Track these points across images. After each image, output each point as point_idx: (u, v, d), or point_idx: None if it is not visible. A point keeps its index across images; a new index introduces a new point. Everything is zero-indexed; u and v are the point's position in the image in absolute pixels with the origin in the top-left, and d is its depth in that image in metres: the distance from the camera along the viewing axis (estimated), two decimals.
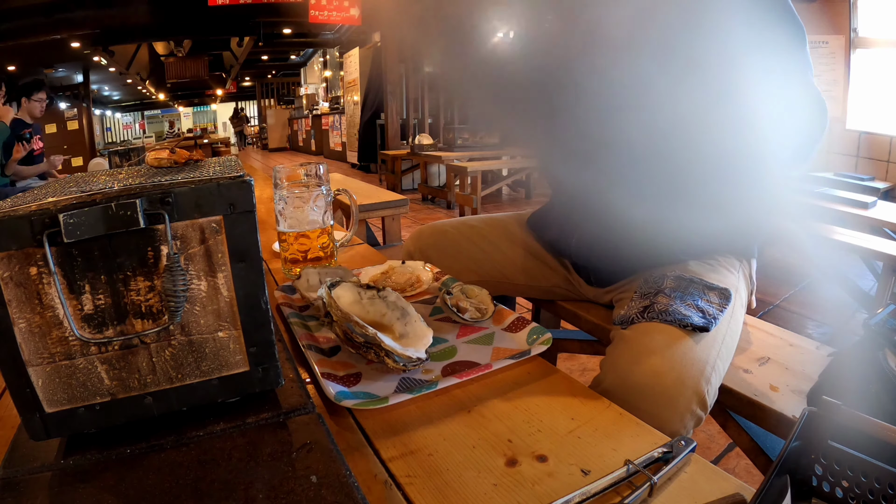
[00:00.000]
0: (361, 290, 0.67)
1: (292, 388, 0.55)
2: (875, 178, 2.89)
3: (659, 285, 0.76)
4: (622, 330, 0.72)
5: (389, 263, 0.91)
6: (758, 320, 1.00)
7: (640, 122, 0.71)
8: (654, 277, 0.78)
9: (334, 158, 9.84)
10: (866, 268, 2.47)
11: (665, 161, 0.71)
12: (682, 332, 0.67)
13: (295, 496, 0.40)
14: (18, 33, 6.98)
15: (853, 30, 3.32)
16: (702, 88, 0.66)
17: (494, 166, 4.56)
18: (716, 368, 0.67)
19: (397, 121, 6.76)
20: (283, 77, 17.38)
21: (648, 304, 0.72)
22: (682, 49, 0.68)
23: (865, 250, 1.89)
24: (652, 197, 0.71)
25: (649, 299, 0.73)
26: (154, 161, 0.57)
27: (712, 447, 1.36)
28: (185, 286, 0.45)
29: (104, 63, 9.56)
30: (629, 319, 0.71)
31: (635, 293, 0.77)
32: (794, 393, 0.75)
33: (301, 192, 0.90)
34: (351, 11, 7.20)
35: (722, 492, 0.42)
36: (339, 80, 10.93)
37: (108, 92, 17.45)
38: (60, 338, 0.44)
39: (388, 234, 2.31)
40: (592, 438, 0.49)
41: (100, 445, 0.46)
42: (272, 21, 8.60)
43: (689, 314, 0.69)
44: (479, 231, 1.08)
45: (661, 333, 0.67)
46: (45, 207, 0.41)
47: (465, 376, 0.58)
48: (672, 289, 0.74)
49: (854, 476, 0.41)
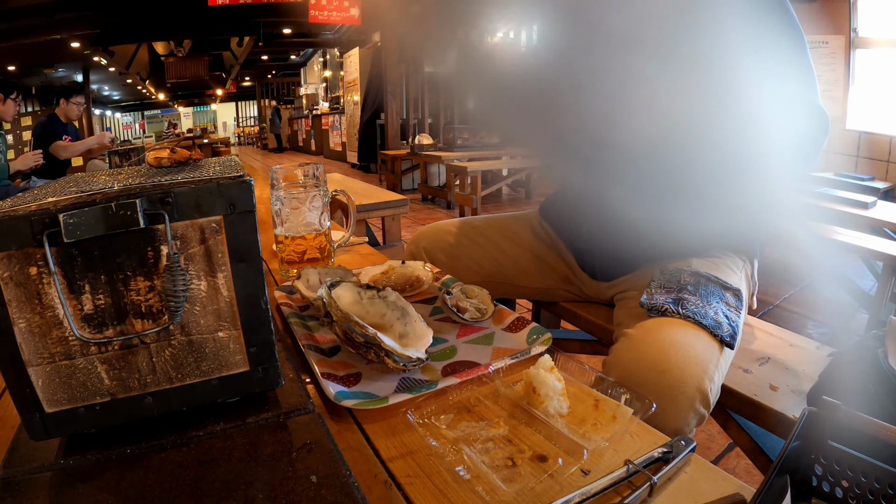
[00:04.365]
0: (361, 290, 0.67)
1: (292, 388, 0.55)
2: (875, 178, 2.89)
3: (679, 280, 0.76)
4: (626, 329, 0.72)
5: (389, 263, 0.91)
6: (758, 320, 1.00)
7: (641, 122, 0.71)
8: (671, 271, 0.79)
9: (334, 158, 9.85)
10: (866, 268, 2.47)
11: (666, 160, 0.72)
12: (686, 332, 0.67)
13: (295, 496, 0.40)
14: (18, 33, 6.98)
15: (853, 30, 3.32)
16: (703, 88, 0.66)
17: (494, 166, 4.56)
18: (719, 367, 0.67)
19: (397, 121, 6.76)
20: (283, 77, 17.38)
21: (678, 298, 0.72)
22: (684, 48, 0.68)
23: (865, 250, 1.89)
24: (654, 194, 0.71)
25: (675, 293, 0.73)
26: (154, 161, 0.57)
27: (712, 447, 1.36)
28: (185, 286, 0.45)
29: (104, 63, 9.56)
30: (660, 308, 0.71)
31: (652, 281, 0.77)
32: (794, 393, 0.75)
33: (298, 193, 0.90)
34: (351, 11, 7.19)
35: (722, 492, 0.42)
36: (339, 80, 10.94)
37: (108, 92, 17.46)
38: (60, 338, 0.44)
39: (388, 234, 2.31)
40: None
41: (100, 445, 0.46)
42: (272, 21, 8.60)
43: (721, 322, 0.70)
44: (481, 231, 1.09)
45: (666, 332, 0.67)
46: (45, 207, 0.41)
47: (465, 376, 0.58)
48: (693, 286, 0.74)
49: (854, 476, 0.41)
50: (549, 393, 0.51)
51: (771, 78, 0.68)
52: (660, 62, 0.68)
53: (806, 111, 0.74)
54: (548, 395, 0.51)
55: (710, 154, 0.68)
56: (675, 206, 0.70)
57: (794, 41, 0.75)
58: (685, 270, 0.78)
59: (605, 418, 0.50)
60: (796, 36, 0.75)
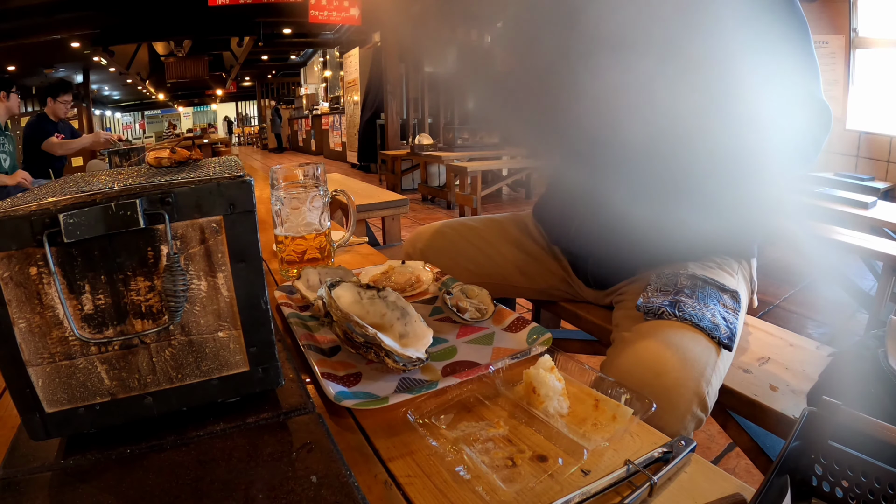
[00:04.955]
0: (361, 290, 0.67)
1: (292, 388, 0.55)
2: (875, 178, 2.89)
3: (675, 283, 0.76)
4: (624, 332, 0.71)
5: (389, 263, 0.91)
6: (758, 320, 1.00)
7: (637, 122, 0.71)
8: (668, 274, 0.78)
9: (334, 158, 9.85)
10: (866, 268, 2.47)
11: (662, 161, 0.71)
12: (683, 334, 0.67)
13: (295, 496, 0.40)
14: (18, 33, 6.98)
15: (853, 30, 3.32)
16: (701, 88, 0.66)
17: (494, 166, 4.56)
18: (716, 370, 0.67)
19: (397, 121, 6.76)
20: (283, 77, 17.38)
21: (674, 301, 0.71)
22: (683, 48, 0.68)
23: (865, 250, 1.90)
24: (648, 197, 0.71)
25: (672, 296, 0.72)
26: (154, 161, 0.57)
27: (712, 447, 1.36)
28: (185, 286, 0.45)
29: (104, 63, 9.57)
30: (656, 311, 0.70)
31: (649, 285, 0.77)
32: (794, 393, 0.75)
33: (298, 193, 0.90)
34: (351, 11, 7.20)
35: (722, 492, 0.42)
36: (339, 80, 10.94)
37: (108, 92, 17.46)
38: (60, 338, 0.44)
39: (388, 234, 2.31)
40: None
41: (100, 445, 0.46)
42: (272, 21, 8.60)
43: (719, 324, 0.69)
44: (477, 232, 1.08)
45: (663, 335, 0.67)
46: (45, 207, 0.41)
47: (465, 376, 0.58)
48: (690, 289, 0.74)
49: (854, 476, 0.41)
50: (549, 393, 0.51)
51: (774, 73, 0.67)
52: (660, 60, 0.68)
53: (808, 106, 0.73)
54: (548, 395, 0.51)
55: (708, 150, 0.68)
56: (672, 208, 0.70)
57: (799, 33, 0.74)
58: (682, 273, 0.78)
59: (605, 418, 0.50)
60: (801, 28, 0.74)
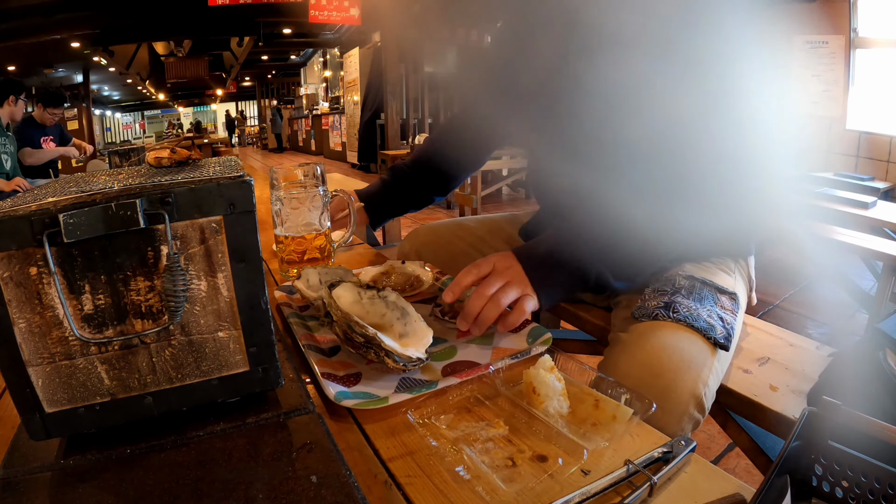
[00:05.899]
0: (361, 290, 0.67)
1: (292, 388, 0.55)
2: (875, 178, 2.89)
3: (673, 284, 0.75)
4: (620, 333, 0.71)
5: (389, 263, 0.91)
6: (758, 320, 1.00)
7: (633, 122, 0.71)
8: (666, 276, 0.78)
9: (334, 158, 9.85)
10: (866, 268, 2.48)
11: (656, 163, 0.71)
12: (678, 335, 0.67)
13: (295, 496, 0.40)
14: (18, 33, 6.98)
15: (853, 30, 3.32)
16: (699, 88, 0.66)
17: (494, 166, 4.56)
18: (713, 370, 0.67)
19: (397, 121, 6.76)
20: (283, 77, 17.38)
21: (670, 302, 0.71)
22: (680, 48, 0.68)
23: (865, 250, 1.90)
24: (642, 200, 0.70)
25: (668, 297, 0.72)
26: (154, 161, 0.57)
27: (712, 447, 1.36)
28: (185, 286, 0.45)
29: (104, 63, 9.57)
30: (651, 313, 0.70)
31: (647, 288, 0.77)
32: (794, 393, 0.75)
33: (298, 193, 0.90)
34: (351, 11, 7.19)
35: (722, 492, 0.42)
36: (339, 80, 10.94)
37: (108, 92, 17.46)
38: (60, 338, 0.44)
39: (388, 234, 2.31)
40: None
41: (100, 445, 0.46)
42: (272, 21, 8.60)
43: (714, 324, 0.69)
44: (473, 232, 1.08)
45: (659, 336, 0.67)
46: (45, 207, 0.41)
47: (465, 376, 0.58)
48: (687, 290, 0.73)
49: (854, 476, 0.41)
50: (549, 393, 0.51)
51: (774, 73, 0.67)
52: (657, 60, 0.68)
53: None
54: (548, 395, 0.51)
55: (705, 151, 0.68)
56: (664, 211, 0.69)
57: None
58: (679, 275, 0.78)
59: (605, 418, 0.50)
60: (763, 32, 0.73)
